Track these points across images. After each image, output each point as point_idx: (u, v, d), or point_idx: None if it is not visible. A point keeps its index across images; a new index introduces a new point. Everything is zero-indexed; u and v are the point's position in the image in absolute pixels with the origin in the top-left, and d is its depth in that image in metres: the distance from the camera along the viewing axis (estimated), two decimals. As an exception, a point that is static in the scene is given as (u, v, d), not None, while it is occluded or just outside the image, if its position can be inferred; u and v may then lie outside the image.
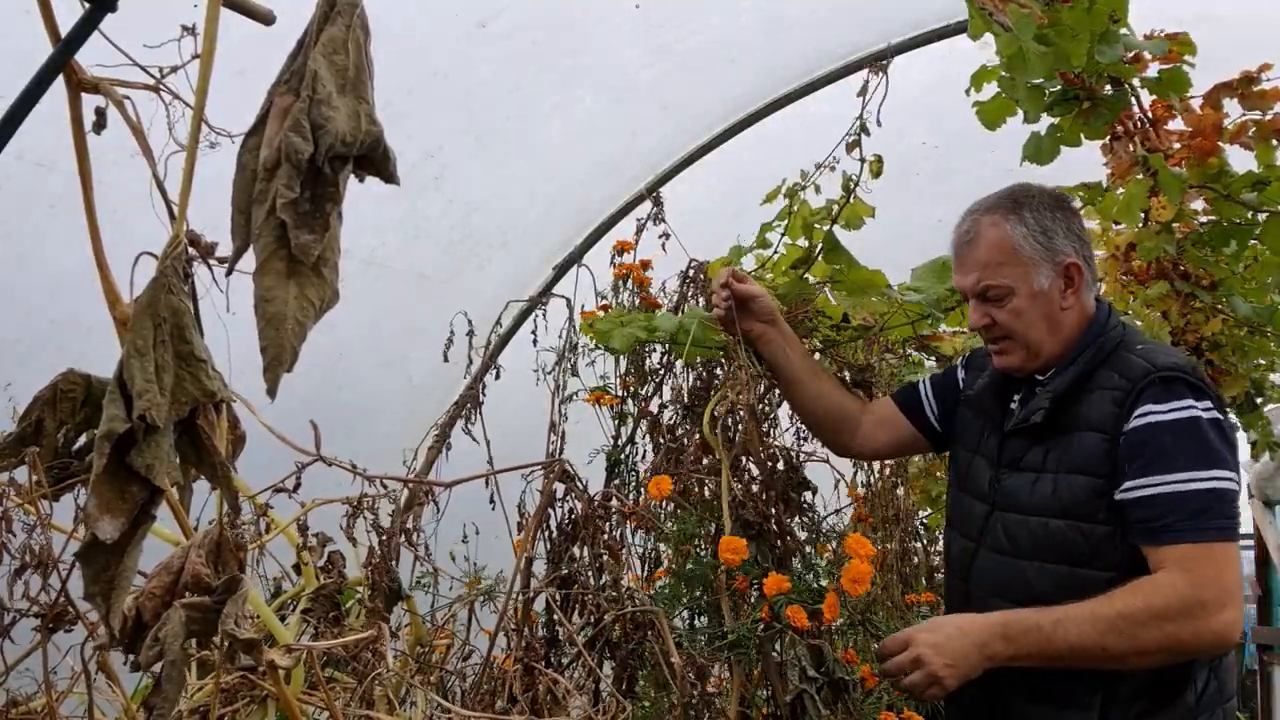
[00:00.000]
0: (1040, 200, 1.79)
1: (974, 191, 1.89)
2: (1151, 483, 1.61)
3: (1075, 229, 1.80)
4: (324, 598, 1.74)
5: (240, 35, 1.12)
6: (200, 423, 0.93)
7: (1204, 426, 1.63)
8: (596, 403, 2.49)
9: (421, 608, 2.01)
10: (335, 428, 1.74)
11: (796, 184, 2.26)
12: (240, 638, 0.89)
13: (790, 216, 2.29)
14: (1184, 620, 1.54)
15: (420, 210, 3.00)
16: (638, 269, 2.60)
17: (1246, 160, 2.19)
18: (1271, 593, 5.61)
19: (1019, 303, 1.77)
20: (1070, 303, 1.78)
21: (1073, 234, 1.79)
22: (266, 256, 0.83)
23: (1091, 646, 1.56)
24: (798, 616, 1.72)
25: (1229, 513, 1.60)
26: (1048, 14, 1.78)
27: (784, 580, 1.76)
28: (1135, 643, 1.55)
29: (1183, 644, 1.56)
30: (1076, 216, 1.83)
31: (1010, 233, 1.76)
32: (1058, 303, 1.78)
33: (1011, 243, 1.76)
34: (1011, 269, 1.77)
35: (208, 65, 0.93)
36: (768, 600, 1.76)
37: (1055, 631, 1.58)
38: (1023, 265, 1.76)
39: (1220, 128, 2.12)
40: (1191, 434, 1.62)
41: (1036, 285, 1.77)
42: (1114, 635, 1.55)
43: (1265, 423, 3.53)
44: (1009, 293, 1.77)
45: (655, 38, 2.96)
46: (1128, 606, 1.56)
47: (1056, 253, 1.77)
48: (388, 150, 0.90)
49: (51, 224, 2.17)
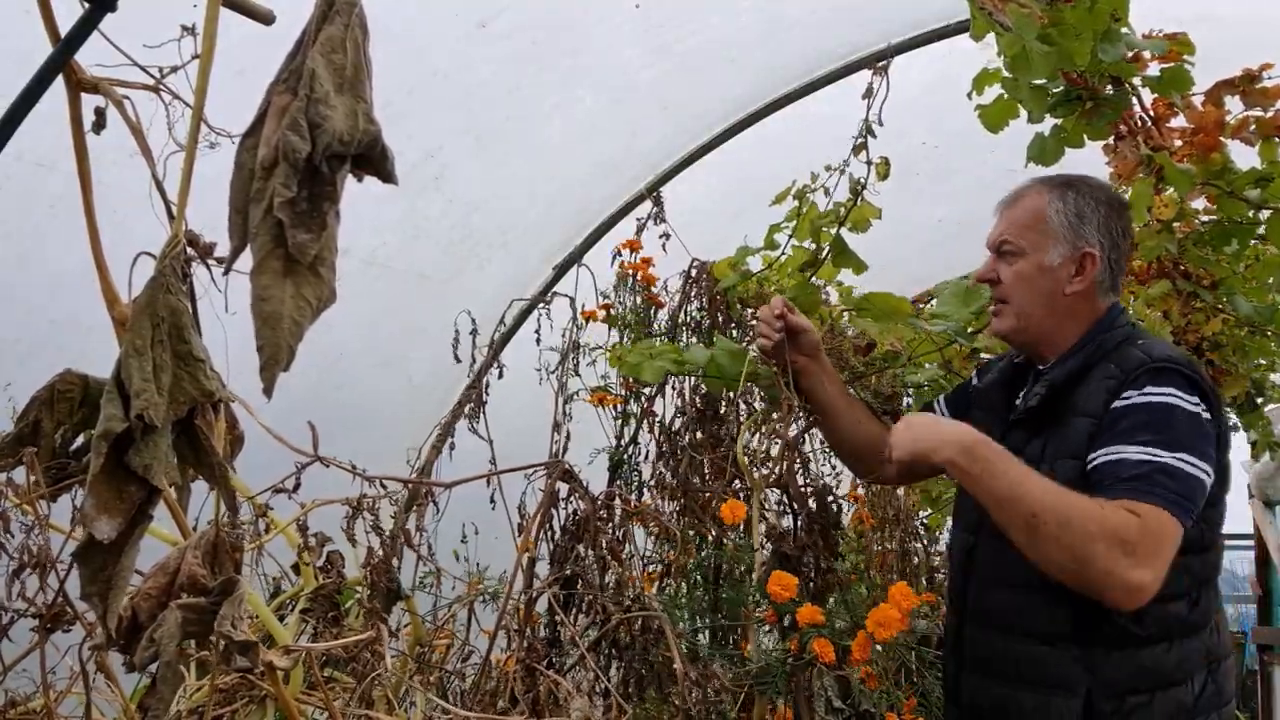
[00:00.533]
0: (1091, 190, 1.81)
1: (974, 191, 1.90)
2: (1113, 450, 1.61)
3: (1114, 228, 1.80)
4: (323, 598, 1.74)
5: (240, 35, 1.11)
6: (198, 422, 0.93)
7: (1179, 413, 1.61)
8: (599, 404, 2.49)
9: (422, 608, 2.01)
10: (334, 428, 1.74)
11: (806, 186, 2.26)
12: (236, 639, 0.89)
13: (799, 218, 2.28)
14: (1114, 551, 1.50)
15: (420, 210, 3.00)
16: (643, 266, 2.60)
17: (1248, 159, 2.19)
18: (1271, 593, 5.61)
19: (1025, 268, 1.80)
20: (1075, 289, 1.79)
21: (1108, 231, 1.79)
22: (263, 256, 0.83)
23: (1026, 507, 1.55)
24: (825, 651, 1.71)
25: (1186, 494, 1.56)
26: (1049, 14, 1.78)
27: (817, 612, 1.74)
28: (1064, 534, 1.52)
29: (1094, 570, 1.52)
30: (1122, 219, 1.83)
31: (1046, 203, 1.80)
32: (1063, 284, 1.79)
33: (1044, 212, 1.80)
34: (1032, 235, 1.80)
35: (207, 65, 0.93)
36: (799, 631, 1.75)
37: (1010, 469, 1.59)
38: (1044, 235, 1.79)
39: (1223, 124, 2.12)
40: (1164, 416, 1.61)
41: (1047, 259, 1.79)
42: (1052, 515, 1.53)
43: (1265, 423, 3.52)
44: (1020, 255, 1.81)
45: (655, 38, 2.96)
46: (1084, 504, 1.54)
47: (1080, 238, 1.78)
48: (385, 149, 0.90)
49: (51, 224, 2.17)
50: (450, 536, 2.24)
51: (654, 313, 2.60)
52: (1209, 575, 1.72)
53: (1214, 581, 1.76)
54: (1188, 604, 1.67)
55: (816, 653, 1.70)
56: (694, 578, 2.18)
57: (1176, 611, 1.66)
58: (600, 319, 2.62)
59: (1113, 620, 1.63)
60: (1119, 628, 1.63)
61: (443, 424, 2.49)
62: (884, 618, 1.71)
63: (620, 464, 2.50)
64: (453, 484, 1.87)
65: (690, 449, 2.31)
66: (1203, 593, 1.69)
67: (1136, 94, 2.12)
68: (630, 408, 2.54)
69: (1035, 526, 1.54)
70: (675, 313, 2.54)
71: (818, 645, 1.71)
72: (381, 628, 1.61)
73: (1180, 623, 1.66)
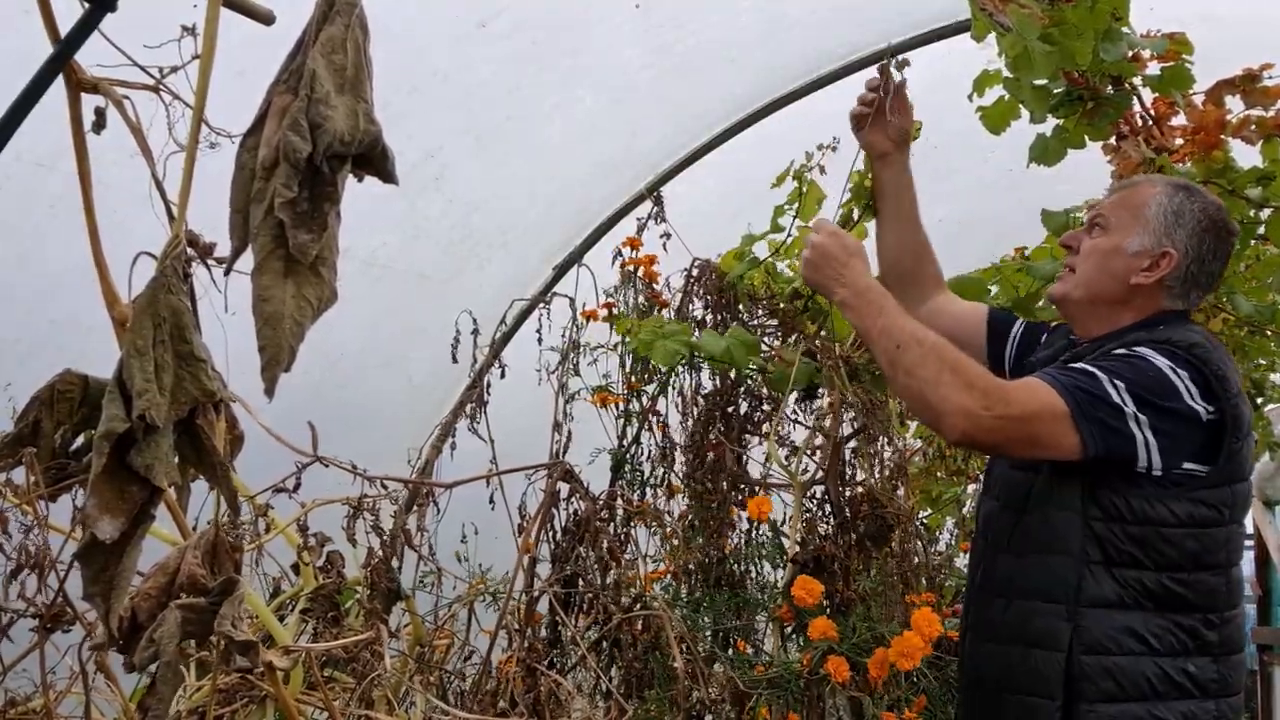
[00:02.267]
0: (1203, 203, 1.80)
1: (974, 191, 1.90)
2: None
3: (1205, 245, 1.78)
4: (323, 598, 1.74)
5: (240, 35, 1.11)
6: (200, 422, 0.93)
7: (1143, 363, 1.63)
8: (601, 404, 2.48)
9: (422, 608, 2.01)
10: (335, 428, 1.74)
11: (803, 165, 2.25)
12: (236, 639, 0.89)
13: (801, 198, 2.28)
14: (958, 380, 1.60)
15: (420, 210, 3.00)
16: (647, 263, 2.59)
17: (1250, 159, 2.19)
18: (1271, 593, 5.61)
19: (1104, 243, 1.80)
20: (1141, 280, 1.77)
21: (1197, 243, 1.77)
22: (264, 256, 0.83)
23: (895, 339, 1.68)
24: (839, 670, 1.68)
25: (1090, 392, 1.60)
26: (1050, 14, 1.78)
27: (831, 628, 1.72)
28: (921, 364, 1.64)
29: (934, 394, 1.62)
30: (1220, 243, 1.81)
31: (1153, 195, 1.80)
32: (1132, 272, 1.78)
33: (1147, 201, 1.79)
34: (1125, 216, 1.80)
35: (208, 65, 0.93)
36: (813, 645, 1.73)
37: (890, 309, 1.73)
38: (1135, 221, 1.78)
39: (1224, 123, 2.12)
40: (1126, 359, 1.64)
41: (1127, 243, 1.78)
42: (916, 347, 1.65)
43: (1265, 423, 3.52)
44: (1106, 230, 1.81)
45: (655, 38, 2.96)
46: (949, 346, 1.65)
47: (1167, 236, 1.77)
48: (386, 149, 0.90)
49: (51, 224, 2.17)
50: (451, 537, 2.24)
51: (657, 311, 2.60)
52: (1206, 559, 1.69)
53: (1220, 567, 1.72)
54: (1175, 580, 1.66)
55: (830, 671, 1.67)
56: (695, 577, 2.17)
57: (1160, 582, 1.66)
58: (602, 318, 2.61)
59: (1100, 583, 1.64)
60: (1104, 592, 1.65)
61: (443, 424, 2.49)
62: (908, 647, 1.67)
63: (622, 463, 2.49)
64: (453, 484, 1.87)
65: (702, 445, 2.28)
66: (1197, 573, 1.68)
67: (1137, 94, 2.12)
68: (632, 406, 2.54)
69: (897, 358, 1.66)
70: (679, 310, 2.54)
71: (832, 664, 1.68)
72: (381, 628, 1.60)
73: (1167, 594, 1.66)
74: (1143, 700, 1.64)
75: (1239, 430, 1.67)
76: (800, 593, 1.74)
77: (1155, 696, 1.64)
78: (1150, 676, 1.64)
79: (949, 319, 2.09)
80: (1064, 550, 1.67)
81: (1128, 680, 1.63)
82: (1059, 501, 1.70)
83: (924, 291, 2.12)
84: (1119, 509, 1.65)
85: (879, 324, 1.72)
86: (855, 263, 1.81)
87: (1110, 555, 1.65)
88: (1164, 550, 1.64)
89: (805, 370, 2.11)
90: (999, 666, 1.74)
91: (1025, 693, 1.69)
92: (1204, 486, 1.65)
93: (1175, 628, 1.66)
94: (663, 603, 1.84)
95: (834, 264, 1.81)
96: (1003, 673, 1.73)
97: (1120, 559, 1.65)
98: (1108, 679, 1.64)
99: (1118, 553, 1.65)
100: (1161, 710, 1.64)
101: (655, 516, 2.17)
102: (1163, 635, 1.65)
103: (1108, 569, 1.65)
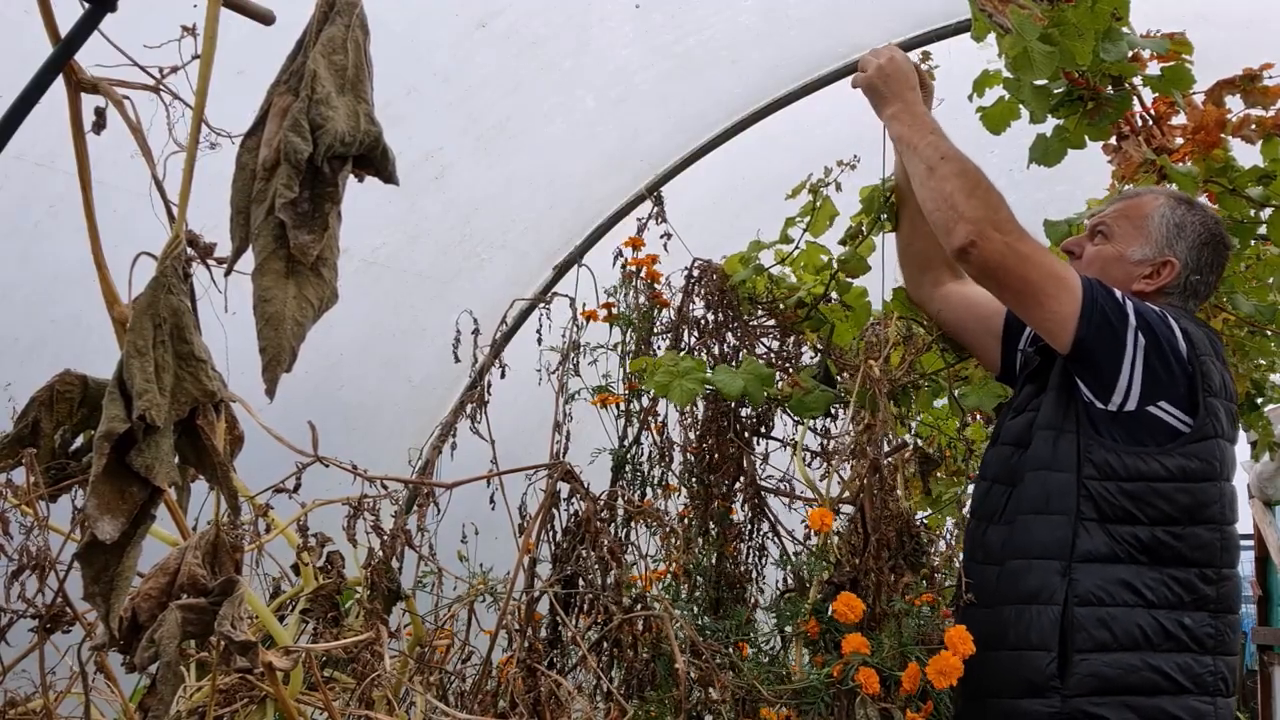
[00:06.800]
0: (1204, 218, 1.87)
1: (974, 191, 1.90)
2: None
3: (1204, 257, 1.85)
4: (323, 598, 1.74)
5: (240, 35, 1.11)
6: (200, 423, 0.93)
7: (1146, 306, 1.72)
8: (601, 404, 2.48)
9: (422, 608, 2.01)
10: (335, 428, 1.74)
11: (820, 180, 2.24)
12: (236, 639, 0.89)
13: (814, 213, 2.26)
14: (976, 199, 1.69)
15: (420, 210, 3.00)
16: (648, 263, 2.59)
17: (1250, 159, 2.19)
18: (1271, 593, 5.61)
19: (1107, 251, 1.86)
20: (1141, 287, 1.83)
21: (1197, 254, 1.84)
22: (265, 256, 0.83)
23: (938, 152, 1.78)
24: (870, 682, 1.68)
25: (1110, 295, 1.69)
26: (1050, 14, 1.78)
27: (864, 643, 1.72)
28: (956, 179, 1.73)
29: (955, 204, 1.70)
30: (1217, 255, 1.88)
31: (1156, 206, 1.86)
32: (1133, 279, 1.84)
33: (1151, 213, 1.85)
34: (1128, 226, 1.86)
35: (208, 65, 0.93)
36: (843, 658, 1.72)
37: (938, 130, 1.83)
38: (1138, 231, 1.84)
39: (1224, 122, 2.13)
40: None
41: (1130, 252, 1.84)
42: (956, 164, 1.75)
43: (1265, 423, 3.52)
44: (1109, 238, 1.87)
45: (655, 38, 2.96)
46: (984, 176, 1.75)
47: (1169, 246, 1.83)
48: (387, 150, 0.90)
49: (51, 224, 2.17)
50: (451, 537, 2.24)
51: (658, 311, 2.60)
52: (1199, 513, 1.72)
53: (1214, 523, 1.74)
54: (1169, 533, 1.69)
55: (861, 682, 1.67)
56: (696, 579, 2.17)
57: (1153, 535, 1.68)
58: (602, 318, 2.61)
59: (1093, 538, 1.68)
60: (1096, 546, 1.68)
61: (443, 424, 2.49)
62: (945, 666, 1.67)
63: (623, 463, 2.49)
64: (454, 484, 1.86)
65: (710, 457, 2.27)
66: (1191, 527, 1.71)
67: (1137, 93, 2.13)
68: (633, 406, 2.53)
69: (938, 165, 1.75)
70: (679, 310, 2.53)
71: (863, 675, 1.67)
72: (381, 628, 1.60)
73: (1161, 547, 1.68)
74: (1136, 650, 1.65)
75: (1209, 385, 1.72)
76: (842, 608, 1.74)
77: (1149, 646, 1.66)
78: (1144, 626, 1.66)
79: (961, 306, 2.11)
80: (1059, 510, 1.71)
81: (1121, 630, 1.65)
82: (1054, 463, 1.73)
83: (939, 276, 2.14)
84: (1112, 466, 1.69)
85: (929, 139, 1.80)
86: (919, 92, 1.91)
87: (1104, 512, 1.69)
88: (1157, 504, 1.67)
89: (824, 398, 2.12)
90: (992, 625, 1.75)
91: (1019, 648, 1.71)
92: (1191, 441, 1.70)
93: (1171, 580, 1.68)
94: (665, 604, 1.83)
95: (903, 83, 1.88)
96: (996, 631, 1.74)
97: (1114, 515, 1.68)
98: (1102, 629, 1.66)
99: (1111, 509, 1.68)
100: (1156, 660, 1.65)
101: (656, 516, 2.16)
102: (1156, 587, 1.67)
103: (1101, 525, 1.69)
